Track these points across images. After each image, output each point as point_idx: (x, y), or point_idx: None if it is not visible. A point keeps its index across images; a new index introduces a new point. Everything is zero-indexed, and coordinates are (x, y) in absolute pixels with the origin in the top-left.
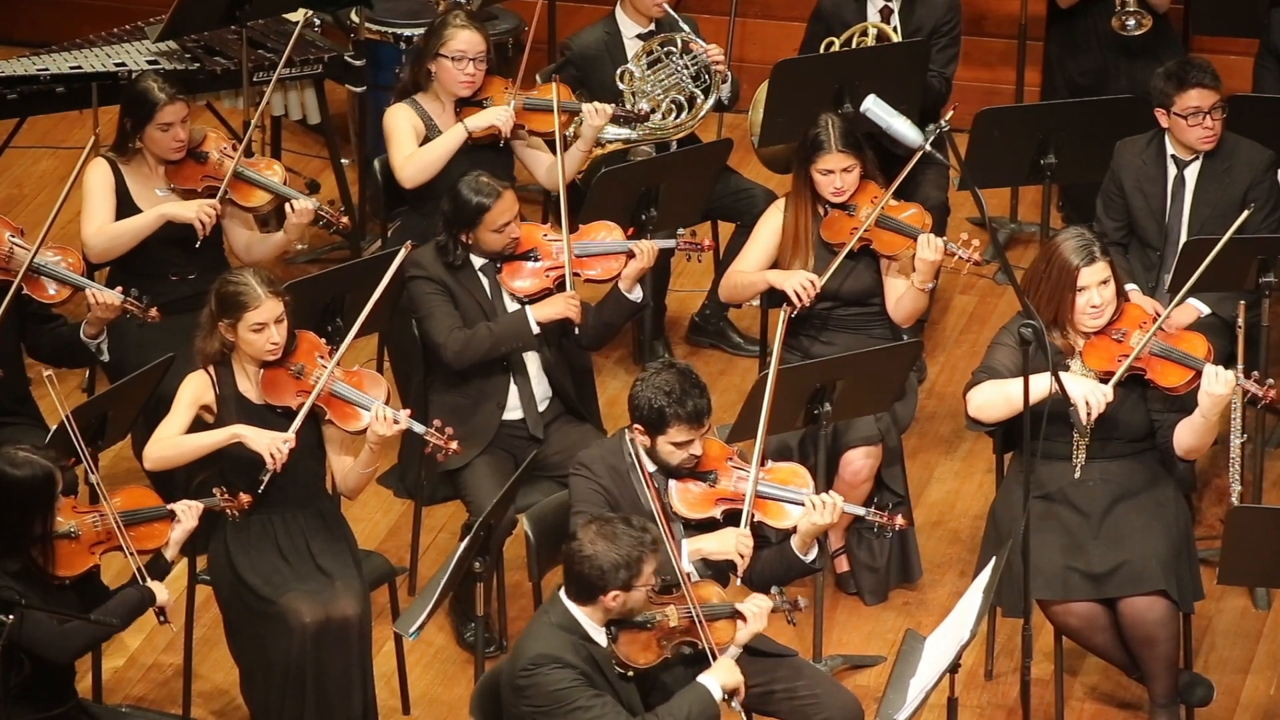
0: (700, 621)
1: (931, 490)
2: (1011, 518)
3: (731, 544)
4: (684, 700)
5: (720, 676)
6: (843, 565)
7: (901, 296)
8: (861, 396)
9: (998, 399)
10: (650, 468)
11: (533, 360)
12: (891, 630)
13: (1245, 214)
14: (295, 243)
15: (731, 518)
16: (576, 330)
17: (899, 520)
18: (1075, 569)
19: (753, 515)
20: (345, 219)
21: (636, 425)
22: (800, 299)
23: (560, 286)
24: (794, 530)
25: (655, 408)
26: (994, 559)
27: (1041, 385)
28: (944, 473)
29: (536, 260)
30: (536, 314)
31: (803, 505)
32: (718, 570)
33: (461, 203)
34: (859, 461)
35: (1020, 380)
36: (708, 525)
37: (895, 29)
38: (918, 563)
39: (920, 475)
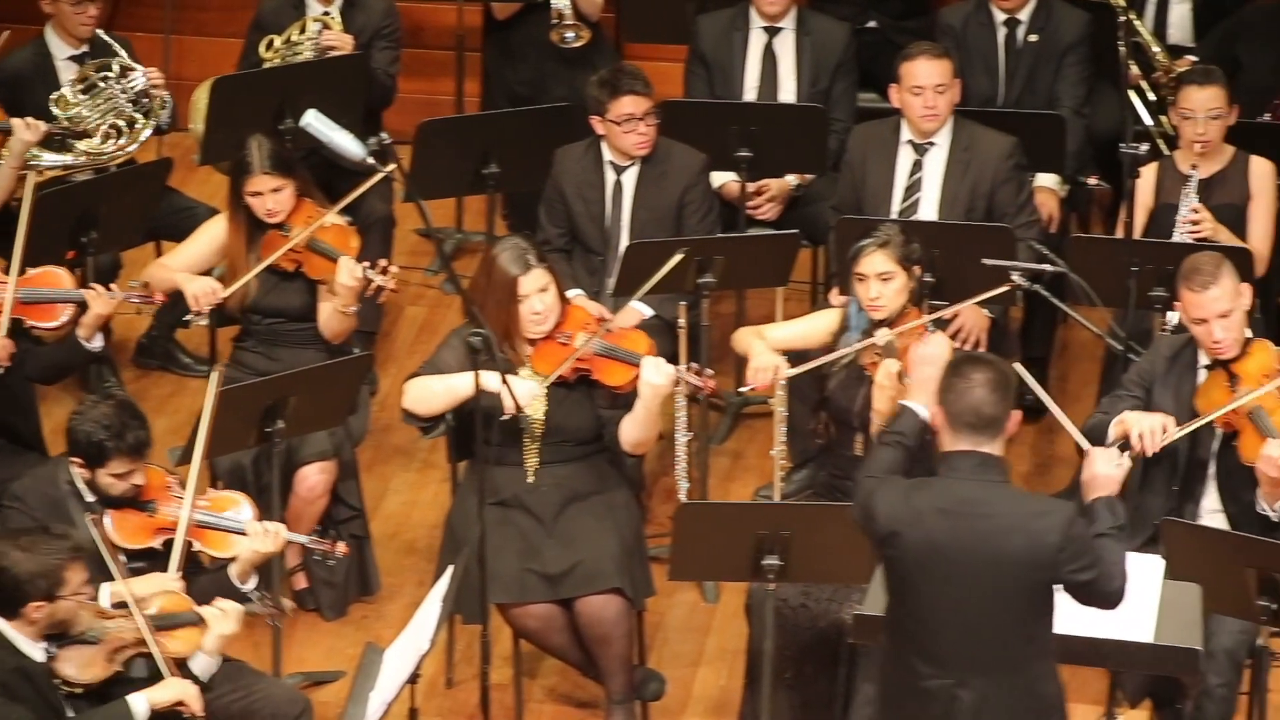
0: (147, 632)
1: (388, 502)
2: (467, 525)
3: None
4: (97, 715)
5: (152, 694)
6: (301, 582)
7: (330, 316)
8: (314, 412)
9: (439, 389)
10: (90, 497)
11: None
12: (351, 645)
13: None
14: None
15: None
16: (3, 370)
17: (340, 547)
18: (532, 571)
19: (190, 544)
20: None
21: (75, 459)
22: (198, 303)
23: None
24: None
25: (94, 442)
26: (451, 567)
27: (487, 380)
28: (400, 484)
29: None
30: None
31: (245, 533)
32: None
33: None
34: (314, 477)
35: (466, 374)
36: (148, 555)
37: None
38: (376, 576)
39: (376, 488)
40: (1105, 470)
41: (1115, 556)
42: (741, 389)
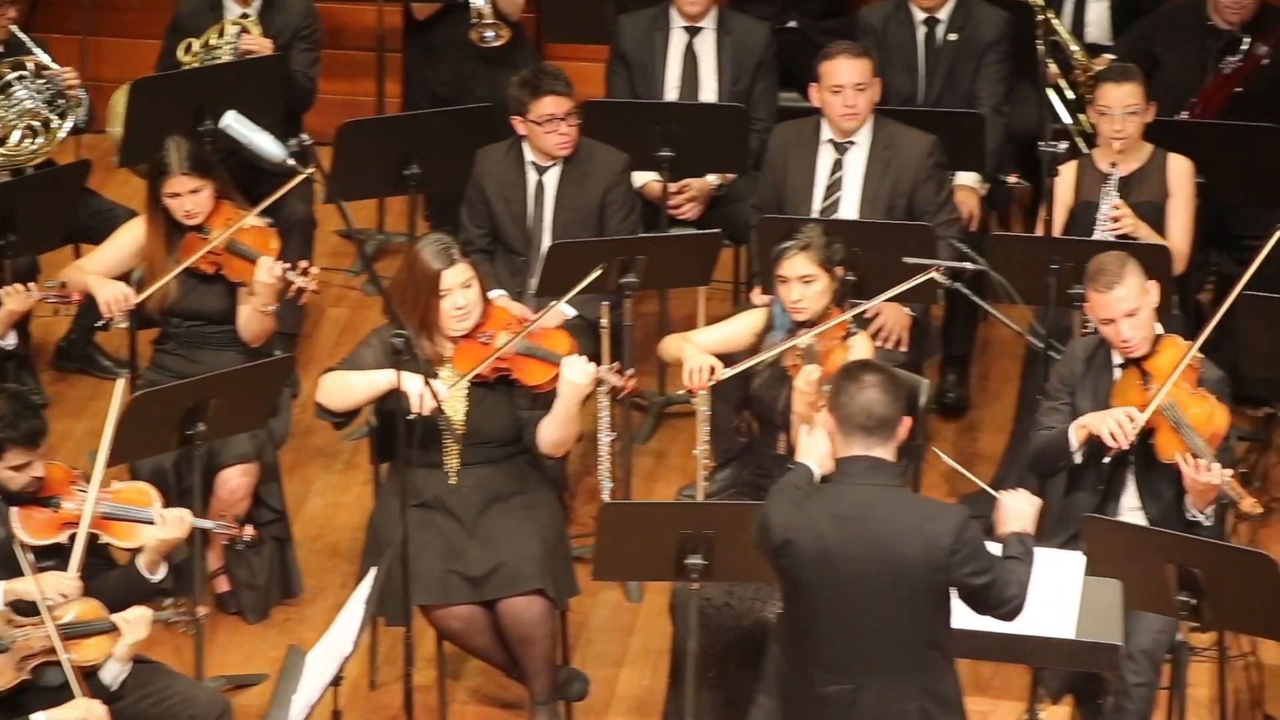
0: (57, 641)
1: (310, 504)
2: (390, 527)
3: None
4: None
5: (54, 715)
6: (223, 585)
7: (249, 318)
8: (235, 414)
9: (357, 383)
10: None
11: None
12: (274, 648)
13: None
14: None
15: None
16: None
17: (248, 530)
18: (455, 573)
19: (95, 536)
20: None
21: None
22: (110, 310)
23: None
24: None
25: None
26: (373, 569)
27: (402, 380)
28: (322, 486)
29: None
30: None
31: (150, 522)
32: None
33: None
34: (235, 480)
35: (386, 370)
36: (55, 551)
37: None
38: (298, 578)
39: (298, 490)
40: (1016, 504)
41: (1016, 575)
42: (680, 392)
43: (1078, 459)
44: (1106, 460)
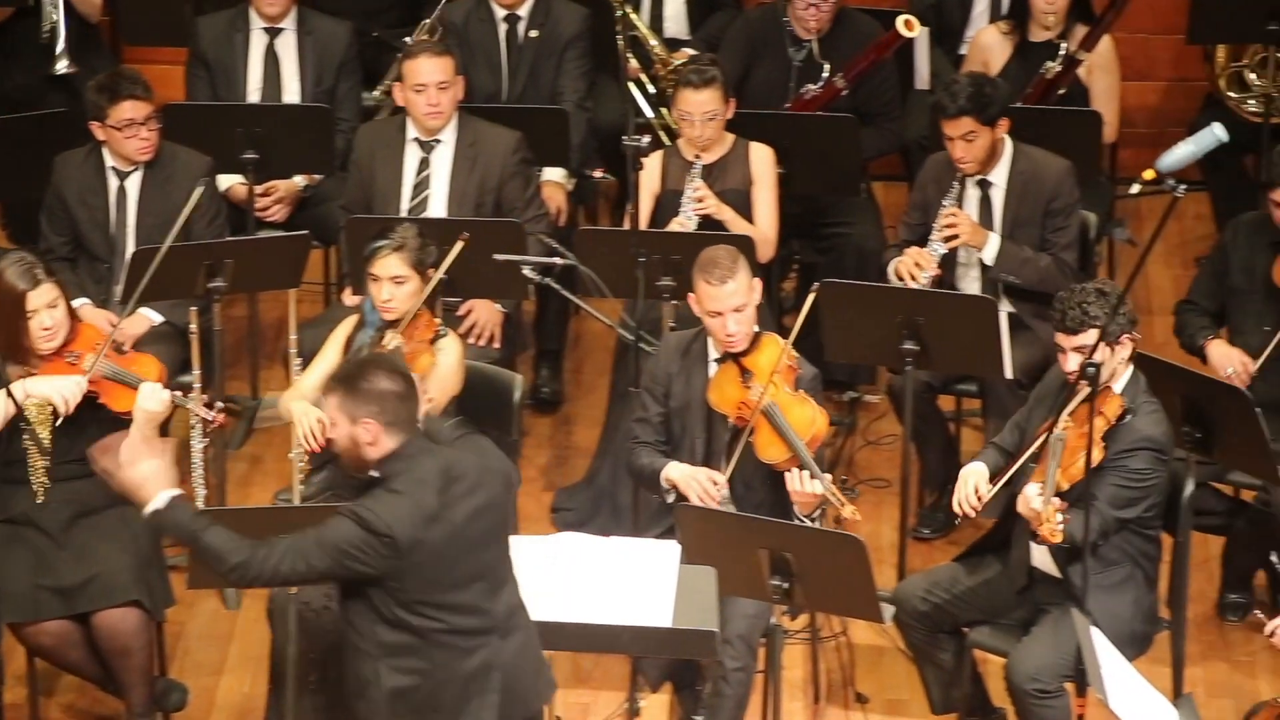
0: None
1: None
2: None
3: None
4: None
5: None
6: None
7: None
8: None
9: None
10: None
11: None
12: None
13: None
14: None
15: None
16: None
17: None
18: (45, 588)
19: None
20: None
21: None
22: None
23: None
24: None
25: None
26: None
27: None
28: None
29: None
30: None
31: None
32: None
33: None
34: None
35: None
36: None
37: None
38: None
39: None
40: None
41: None
42: (300, 461)
43: (669, 500)
44: None
